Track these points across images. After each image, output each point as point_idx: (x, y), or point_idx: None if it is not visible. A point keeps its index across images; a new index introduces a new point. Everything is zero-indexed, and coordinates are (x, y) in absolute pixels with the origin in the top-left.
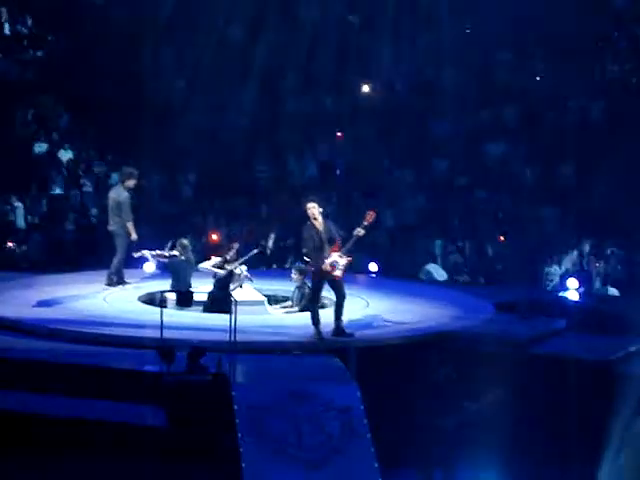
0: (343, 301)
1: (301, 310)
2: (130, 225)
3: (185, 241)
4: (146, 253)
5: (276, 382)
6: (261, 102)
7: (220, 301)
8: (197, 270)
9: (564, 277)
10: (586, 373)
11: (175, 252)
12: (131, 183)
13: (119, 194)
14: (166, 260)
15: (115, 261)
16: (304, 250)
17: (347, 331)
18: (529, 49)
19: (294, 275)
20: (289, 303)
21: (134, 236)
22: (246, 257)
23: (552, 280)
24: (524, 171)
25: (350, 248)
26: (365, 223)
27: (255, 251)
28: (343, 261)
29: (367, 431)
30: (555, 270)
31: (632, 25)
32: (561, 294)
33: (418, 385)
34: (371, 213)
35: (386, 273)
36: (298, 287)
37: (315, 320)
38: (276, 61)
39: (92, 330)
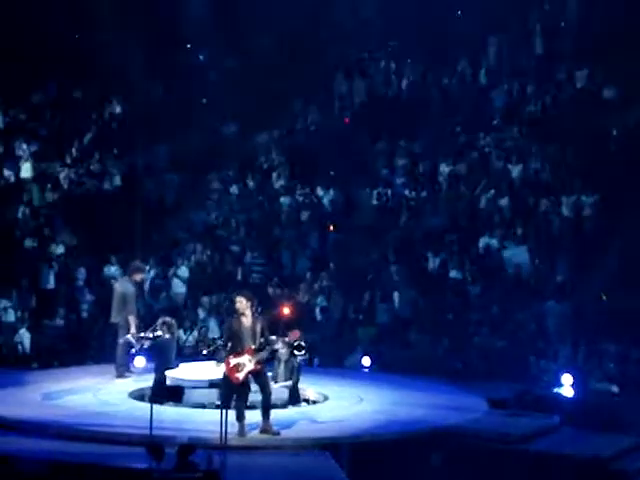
0: (269, 399)
1: (294, 384)
2: (132, 318)
3: (169, 319)
4: (129, 337)
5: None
6: (255, 197)
7: None
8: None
9: (559, 373)
10: (579, 470)
11: (159, 332)
12: (139, 277)
13: (126, 287)
14: (150, 342)
15: (120, 352)
16: (223, 342)
17: (274, 430)
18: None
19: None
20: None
21: (133, 330)
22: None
23: (546, 376)
24: (519, 264)
25: (263, 358)
26: (287, 339)
27: None
28: (250, 366)
29: None
30: (550, 366)
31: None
32: (555, 390)
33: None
34: (295, 332)
35: (379, 368)
36: (285, 361)
37: (238, 415)
38: (269, 157)
39: (81, 427)
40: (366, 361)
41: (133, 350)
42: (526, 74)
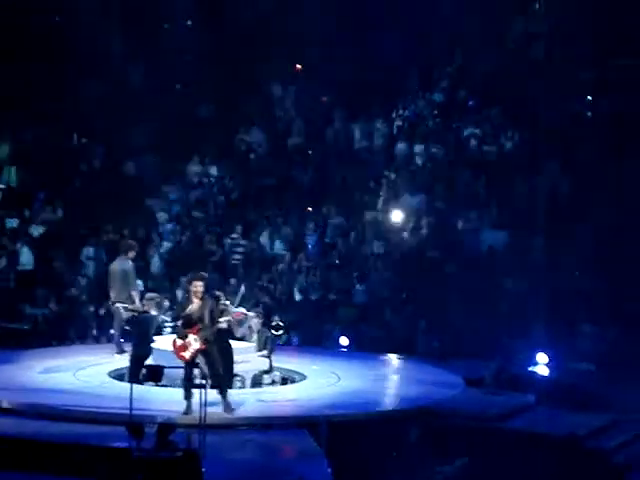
0: (217, 378)
1: (269, 354)
2: (135, 294)
3: (158, 297)
4: (119, 306)
5: (247, 458)
6: (234, 176)
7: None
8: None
9: (534, 352)
10: (555, 448)
11: (145, 307)
12: (132, 254)
13: (125, 265)
14: (135, 315)
15: (117, 329)
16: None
17: (232, 407)
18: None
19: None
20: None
21: (138, 305)
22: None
23: (521, 355)
24: (494, 243)
25: (208, 335)
26: (230, 318)
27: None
28: (196, 345)
29: None
30: (525, 345)
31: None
32: (531, 369)
33: (389, 459)
34: (238, 312)
35: (358, 347)
36: (257, 332)
37: (186, 394)
38: (247, 136)
39: (61, 407)
40: (344, 341)
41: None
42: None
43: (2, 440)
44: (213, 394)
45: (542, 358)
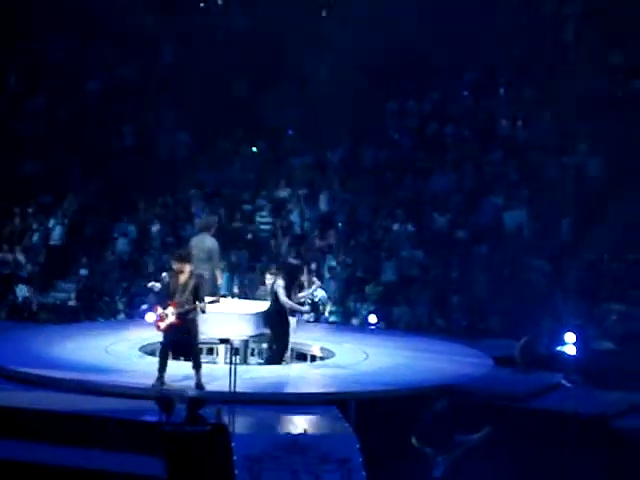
0: (194, 356)
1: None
2: (219, 271)
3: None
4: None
5: (276, 433)
6: (264, 156)
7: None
8: None
9: (562, 331)
10: (583, 428)
11: None
12: (213, 230)
13: (207, 242)
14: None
15: None
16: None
17: (202, 384)
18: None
19: None
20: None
21: (220, 281)
22: None
23: (550, 334)
24: (523, 223)
25: (182, 312)
26: (212, 300)
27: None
28: (172, 318)
29: None
30: (553, 324)
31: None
32: (559, 348)
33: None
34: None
35: (386, 325)
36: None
37: (160, 366)
38: (279, 116)
39: (92, 381)
40: (373, 319)
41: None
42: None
43: (32, 413)
44: (244, 369)
45: (570, 337)
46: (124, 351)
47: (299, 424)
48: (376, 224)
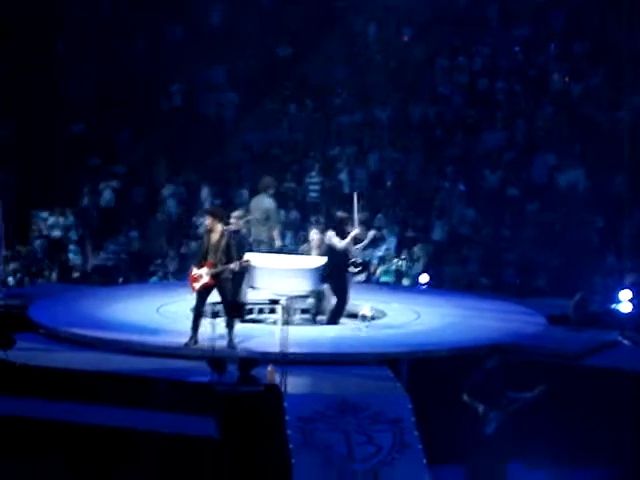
0: (228, 315)
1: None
2: (276, 233)
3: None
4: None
5: (327, 393)
6: (313, 116)
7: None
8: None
9: (617, 289)
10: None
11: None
12: (271, 191)
13: (265, 202)
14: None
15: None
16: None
17: (233, 343)
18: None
19: None
20: None
21: (279, 242)
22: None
23: (604, 292)
24: (576, 180)
25: (219, 272)
26: (239, 262)
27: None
28: (205, 279)
29: (418, 443)
30: (608, 282)
31: None
32: (614, 306)
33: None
34: (246, 259)
35: (437, 284)
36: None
37: (194, 325)
38: (327, 75)
39: (143, 340)
40: (424, 278)
41: None
42: None
43: (84, 375)
44: (295, 330)
45: (625, 295)
46: (175, 312)
47: (351, 384)
48: (426, 183)
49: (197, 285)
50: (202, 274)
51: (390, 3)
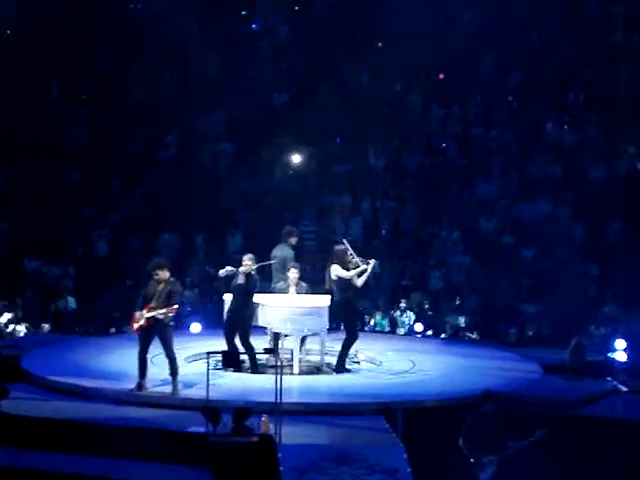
0: (169, 361)
1: None
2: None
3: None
4: (229, 268)
5: (322, 443)
6: (307, 164)
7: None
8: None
9: (612, 338)
10: (634, 435)
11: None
12: (293, 240)
13: (285, 251)
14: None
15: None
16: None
17: (176, 390)
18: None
19: None
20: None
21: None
22: None
23: (599, 341)
24: (570, 230)
25: (151, 316)
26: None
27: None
28: (143, 321)
29: None
30: (602, 331)
31: None
32: (609, 355)
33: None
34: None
35: (433, 332)
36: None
37: (139, 371)
38: (323, 124)
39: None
40: (419, 327)
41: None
42: (581, 38)
43: (76, 425)
44: (290, 379)
45: (620, 344)
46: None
47: (346, 434)
48: (422, 231)
49: (136, 325)
50: (142, 315)
51: (385, 54)
